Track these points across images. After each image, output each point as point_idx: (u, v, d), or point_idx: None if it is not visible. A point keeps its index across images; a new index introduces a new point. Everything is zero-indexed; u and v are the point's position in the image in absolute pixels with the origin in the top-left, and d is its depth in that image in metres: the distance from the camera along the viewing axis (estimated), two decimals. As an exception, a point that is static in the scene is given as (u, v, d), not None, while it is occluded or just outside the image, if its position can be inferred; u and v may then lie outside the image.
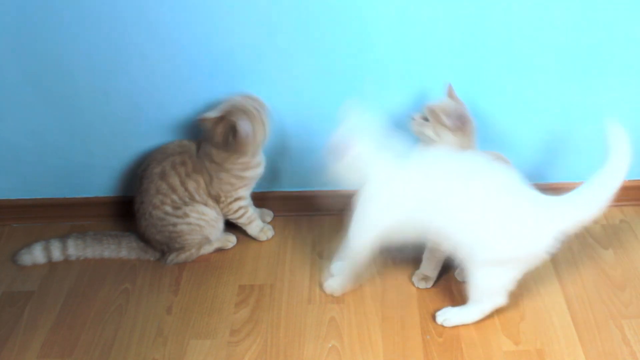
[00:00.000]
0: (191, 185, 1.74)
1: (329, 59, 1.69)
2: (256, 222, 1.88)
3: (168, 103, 1.76)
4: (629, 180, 1.92)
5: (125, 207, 1.88)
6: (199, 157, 1.73)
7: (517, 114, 1.79)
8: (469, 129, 1.60)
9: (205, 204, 1.77)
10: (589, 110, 1.78)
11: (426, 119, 1.61)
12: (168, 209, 1.75)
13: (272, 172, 1.91)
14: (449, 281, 1.73)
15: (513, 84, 1.74)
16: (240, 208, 1.82)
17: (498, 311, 1.63)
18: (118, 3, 1.61)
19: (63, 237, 1.86)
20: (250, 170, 1.77)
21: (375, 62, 1.69)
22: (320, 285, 1.73)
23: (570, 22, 1.63)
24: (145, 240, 1.83)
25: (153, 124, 1.80)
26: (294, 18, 1.62)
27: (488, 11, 1.61)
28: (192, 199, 1.75)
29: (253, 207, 1.89)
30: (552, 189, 1.90)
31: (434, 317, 1.62)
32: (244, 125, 1.65)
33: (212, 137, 1.69)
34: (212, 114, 1.66)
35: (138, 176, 1.78)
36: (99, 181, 1.94)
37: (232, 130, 1.66)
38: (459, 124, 1.58)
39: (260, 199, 1.95)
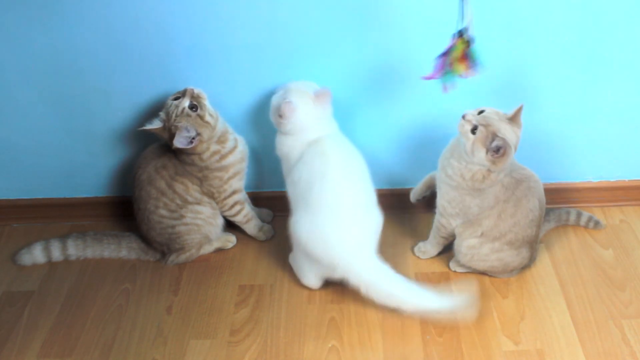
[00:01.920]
0: (179, 188, 1.73)
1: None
2: (254, 221, 1.88)
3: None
4: (629, 181, 1.93)
5: (125, 207, 1.88)
6: (180, 162, 1.73)
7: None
8: (502, 164, 1.54)
9: (199, 203, 1.77)
10: (589, 110, 1.78)
11: (474, 130, 1.53)
12: (163, 212, 1.75)
13: (272, 171, 1.91)
14: (449, 279, 1.73)
15: (512, 84, 1.74)
16: (236, 203, 1.82)
17: (498, 311, 1.63)
18: (118, 3, 1.61)
19: (63, 237, 1.86)
20: (229, 157, 1.74)
21: (371, 58, 1.69)
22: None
23: (570, 22, 1.63)
24: (146, 242, 1.83)
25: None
26: (298, 14, 1.63)
27: (488, 10, 1.61)
28: (185, 200, 1.75)
29: (250, 205, 1.89)
30: (552, 189, 1.92)
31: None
32: (179, 141, 1.63)
33: (167, 143, 1.68)
34: (152, 125, 1.66)
35: (132, 184, 1.79)
36: (99, 181, 1.94)
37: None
38: (497, 156, 1.51)
39: (260, 199, 1.95)
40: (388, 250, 1.71)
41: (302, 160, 1.61)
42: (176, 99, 1.65)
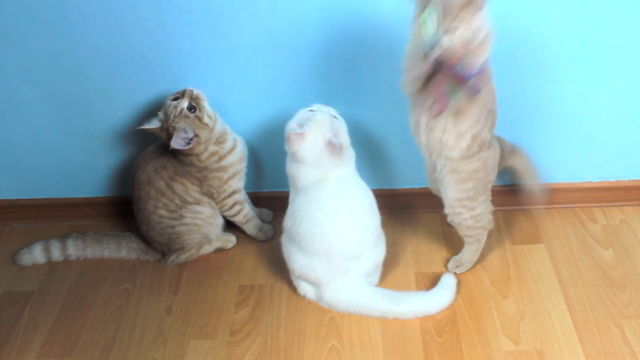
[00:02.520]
0: (178, 188, 1.73)
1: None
2: (254, 222, 1.88)
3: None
4: (629, 181, 1.93)
5: (126, 207, 1.88)
6: (180, 163, 1.72)
7: (517, 114, 1.79)
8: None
9: (198, 203, 1.77)
10: (589, 110, 1.78)
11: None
12: (163, 212, 1.75)
13: (272, 171, 1.91)
14: (449, 281, 1.73)
15: (512, 84, 1.74)
16: (235, 203, 1.82)
17: (498, 311, 1.63)
18: (119, 3, 1.61)
19: (63, 237, 1.86)
20: (228, 157, 1.74)
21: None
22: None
23: (569, 22, 1.63)
24: (146, 242, 1.83)
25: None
26: (297, 17, 1.63)
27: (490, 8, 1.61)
28: (184, 201, 1.74)
29: (250, 205, 1.89)
30: (552, 189, 1.92)
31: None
32: (177, 142, 1.63)
33: (166, 143, 1.68)
34: (150, 125, 1.66)
35: (131, 184, 1.79)
36: (99, 181, 1.94)
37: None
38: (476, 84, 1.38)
39: (260, 199, 1.95)
40: (388, 250, 1.70)
41: (303, 196, 1.59)
42: (175, 99, 1.65)
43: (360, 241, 1.61)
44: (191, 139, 1.64)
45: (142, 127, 1.67)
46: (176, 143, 1.63)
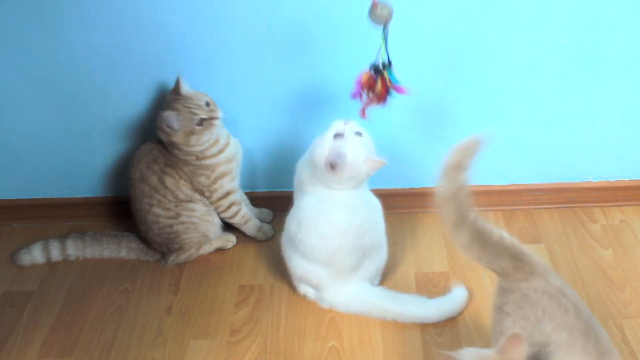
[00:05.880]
0: (169, 182, 1.72)
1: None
2: (252, 222, 1.88)
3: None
4: (629, 180, 1.93)
5: (125, 207, 1.88)
6: (169, 153, 1.72)
7: (517, 114, 1.79)
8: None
9: (191, 201, 1.76)
10: (589, 110, 1.78)
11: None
12: (158, 210, 1.75)
13: (273, 171, 1.91)
14: (449, 279, 1.73)
15: (513, 84, 1.74)
16: (232, 204, 1.81)
17: (498, 311, 1.63)
18: (118, 2, 1.61)
19: (62, 237, 1.86)
20: (212, 159, 1.72)
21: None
22: None
23: (570, 22, 1.64)
24: (146, 242, 1.83)
25: (153, 123, 1.79)
26: (293, 19, 1.63)
27: (488, 12, 1.62)
28: (177, 197, 1.74)
29: (249, 206, 1.89)
30: (552, 189, 1.92)
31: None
32: (168, 115, 1.63)
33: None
34: (181, 86, 1.67)
35: (128, 185, 1.79)
36: (99, 181, 1.94)
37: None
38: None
39: (260, 199, 1.95)
40: (388, 250, 1.70)
41: (314, 207, 1.58)
42: (207, 104, 1.66)
43: (365, 256, 1.62)
44: (169, 126, 1.64)
45: (179, 80, 1.66)
46: (168, 116, 1.63)
